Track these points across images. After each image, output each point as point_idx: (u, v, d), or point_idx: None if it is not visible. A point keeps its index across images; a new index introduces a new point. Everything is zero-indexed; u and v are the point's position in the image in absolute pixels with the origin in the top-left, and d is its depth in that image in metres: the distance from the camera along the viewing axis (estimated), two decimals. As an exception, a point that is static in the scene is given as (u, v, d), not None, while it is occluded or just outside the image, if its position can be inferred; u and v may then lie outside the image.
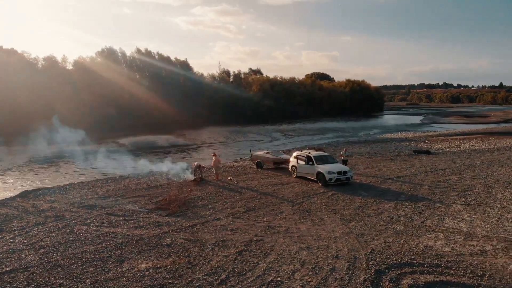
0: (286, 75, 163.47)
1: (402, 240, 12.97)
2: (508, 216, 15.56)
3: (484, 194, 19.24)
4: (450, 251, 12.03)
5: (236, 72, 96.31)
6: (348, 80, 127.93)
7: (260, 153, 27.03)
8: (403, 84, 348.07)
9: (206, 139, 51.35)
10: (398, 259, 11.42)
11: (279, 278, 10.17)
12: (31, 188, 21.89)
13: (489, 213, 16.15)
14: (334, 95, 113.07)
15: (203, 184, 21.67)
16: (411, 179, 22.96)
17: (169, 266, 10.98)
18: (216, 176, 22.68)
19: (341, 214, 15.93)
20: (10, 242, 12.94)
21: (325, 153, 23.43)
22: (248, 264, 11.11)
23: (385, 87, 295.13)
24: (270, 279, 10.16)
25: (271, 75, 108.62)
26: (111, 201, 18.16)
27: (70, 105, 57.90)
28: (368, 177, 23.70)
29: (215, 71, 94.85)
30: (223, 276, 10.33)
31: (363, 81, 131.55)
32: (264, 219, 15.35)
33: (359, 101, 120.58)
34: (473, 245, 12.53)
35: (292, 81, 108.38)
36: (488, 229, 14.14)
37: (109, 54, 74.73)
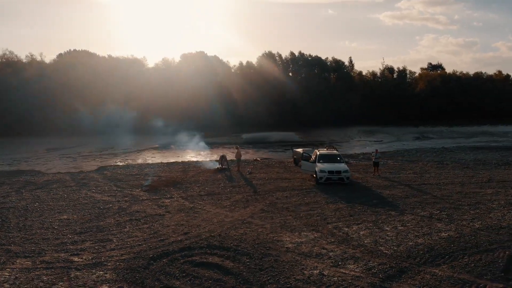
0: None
1: (266, 233, 13.72)
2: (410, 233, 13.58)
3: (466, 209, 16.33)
4: (289, 242, 12.36)
5: (401, 68, 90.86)
6: None
7: (299, 150, 28.16)
8: None
9: (322, 137, 52.83)
10: (208, 241, 12.67)
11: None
12: (114, 164, 29.79)
13: (423, 227, 14.33)
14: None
15: (221, 173, 25.03)
16: (429, 187, 20.58)
17: (77, 218, 15.43)
18: (237, 167, 25.63)
19: (276, 208, 16.95)
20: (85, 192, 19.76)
21: (334, 152, 23.22)
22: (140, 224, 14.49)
23: None
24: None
25: (477, 70, 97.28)
26: (136, 178, 23.68)
27: (238, 103, 68.64)
28: (387, 181, 22.27)
29: (397, 67, 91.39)
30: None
31: None
32: (204, 201, 17.94)
33: None
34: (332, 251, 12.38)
35: (477, 76, 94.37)
36: (389, 244, 13.14)
37: (268, 57, 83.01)
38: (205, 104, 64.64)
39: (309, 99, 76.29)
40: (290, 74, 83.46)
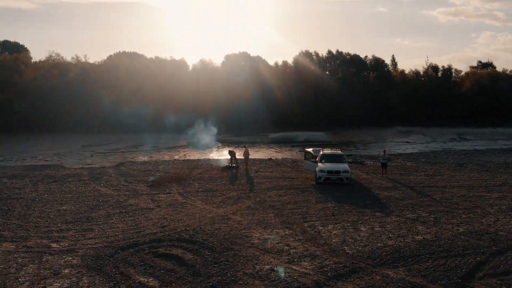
0: None
1: (226, 228, 14.12)
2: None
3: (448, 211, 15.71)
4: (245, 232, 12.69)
5: (446, 67, 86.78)
6: None
7: (310, 149, 28.05)
8: None
9: (353, 137, 51.96)
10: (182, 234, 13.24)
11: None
12: (134, 160, 31.32)
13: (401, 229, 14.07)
14: None
15: (229, 171, 25.63)
16: (432, 190, 19.94)
17: (74, 209, 16.67)
18: (245, 165, 26.12)
19: (263, 205, 17.29)
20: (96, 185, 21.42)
21: (337, 152, 23.01)
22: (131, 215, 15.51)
23: None
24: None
25: None
26: (146, 174, 24.87)
27: (277, 103, 69.38)
28: (392, 182, 21.78)
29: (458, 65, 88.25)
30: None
31: None
32: (198, 197, 18.62)
33: None
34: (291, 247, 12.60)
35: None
36: (355, 244, 13.14)
37: (305, 56, 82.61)
38: (245, 104, 65.83)
39: (346, 98, 75.07)
40: (327, 72, 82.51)
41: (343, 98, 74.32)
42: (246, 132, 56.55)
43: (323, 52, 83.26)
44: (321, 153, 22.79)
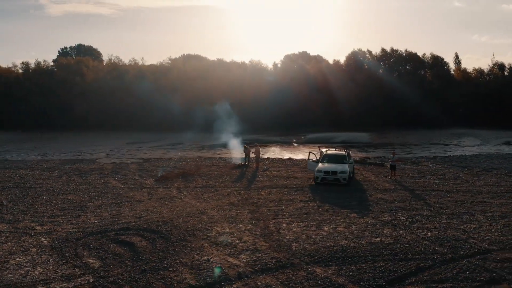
0: None
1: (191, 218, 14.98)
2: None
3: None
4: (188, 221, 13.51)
5: (514, 64, 79.70)
6: None
7: (323, 150, 27.96)
8: None
9: (397, 139, 50.17)
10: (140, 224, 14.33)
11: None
12: (161, 156, 33.37)
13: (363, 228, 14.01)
14: None
15: (239, 169, 26.50)
16: (432, 194, 19.20)
17: (76, 199, 18.63)
18: (256, 163, 26.82)
19: (245, 202, 18.00)
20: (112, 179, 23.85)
21: (340, 153, 22.85)
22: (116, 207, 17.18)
23: None
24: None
25: None
26: (162, 170, 26.58)
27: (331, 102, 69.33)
28: (396, 185, 21.26)
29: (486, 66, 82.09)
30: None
31: None
32: (191, 192, 19.76)
33: None
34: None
35: None
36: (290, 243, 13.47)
37: (358, 54, 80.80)
38: (303, 104, 66.50)
39: (400, 97, 72.28)
40: (381, 71, 79.96)
41: (399, 97, 71.76)
42: (286, 132, 57.05)
43: (377, 50, 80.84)
44: (324, 153, 22.82)
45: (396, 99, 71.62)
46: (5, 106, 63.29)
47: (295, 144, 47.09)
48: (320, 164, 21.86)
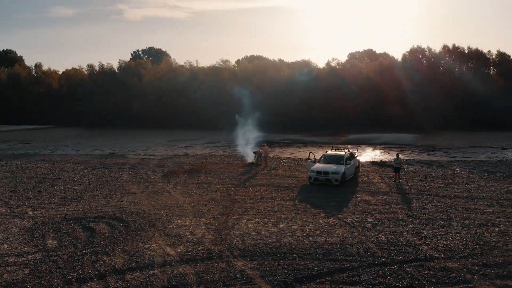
0: None
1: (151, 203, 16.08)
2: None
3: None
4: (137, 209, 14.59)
5: None
6: None
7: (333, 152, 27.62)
8: None
9: (445, 141, 47.32)
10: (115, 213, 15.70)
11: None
12: (185, 153, 35.19)
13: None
14: None
15: (248, 167, 27.25)
16: (423, 198, 18.51)
17: (81, 189, 20.78)
18: (265, 163, 27.37)
19: (225, 199, 18.86)
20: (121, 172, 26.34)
21: (338, 153, 22.60)
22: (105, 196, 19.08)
23: None
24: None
25: None
26: (175, 166, 28.24)
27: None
28: (395, 188, 20.70)
29: None
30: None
31: None
32: (184, 187, 21.02)
33: None
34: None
35: None
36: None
37: (416, 51, 77.06)
38: (355, 103, 65.84)
39: (463, 97, 67.79)
40: (441, 69, 75.51)
41: (462, 96, 67.37)
42: (326, 133, 56.33)
43: (437, 47, 76.57)
44: (323, 154, 22.79)
45: (458, 99, 67.32)
46: (72, 105, 69.98)
47: (332, 146, 46.52)
48: (316, 164, 21.92)
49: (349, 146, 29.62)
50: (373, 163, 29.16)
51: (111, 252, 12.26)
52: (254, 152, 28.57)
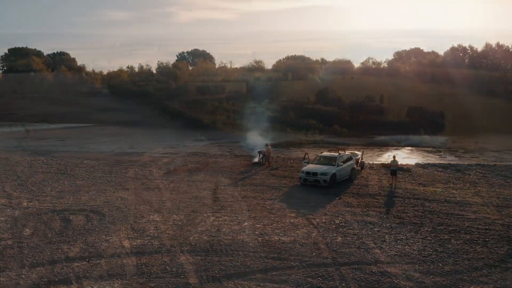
0: None
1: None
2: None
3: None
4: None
5: None
6: None
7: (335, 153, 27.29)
8: None
9: (470, 145, 44.96)
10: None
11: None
12: (202, 152, 36.14)
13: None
14: None
15: (250, 166, 27.65)
16: (410, 202, 18.13)
17: (82, 184, 22.26)
18: (267, 162, 27.66)
19: (208, 197, 19.51)
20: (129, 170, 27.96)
21: (331, 155, 22.47)
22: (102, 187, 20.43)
23: None
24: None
25: None
26: (182, 163, 29.25)
27: None
28: (386, 191, 20.35)
29: None
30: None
31: None
32: (176, 184, 21.90)
33: None
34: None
35: None
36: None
37: (457, 51, 73.79)
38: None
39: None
40: (484, 68, 71.70)
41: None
42: (359, 134, 55.20)
43: (479, 46, 72.87)
44: (321, 155, 22.83)
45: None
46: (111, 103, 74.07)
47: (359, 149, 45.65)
48: (308, 165, 21.97)
49: (355, 148, 29.19)
50: (383, 165, 28.54)
51: (73, 242, 13.31)
52: (259, 152, 28.94)
